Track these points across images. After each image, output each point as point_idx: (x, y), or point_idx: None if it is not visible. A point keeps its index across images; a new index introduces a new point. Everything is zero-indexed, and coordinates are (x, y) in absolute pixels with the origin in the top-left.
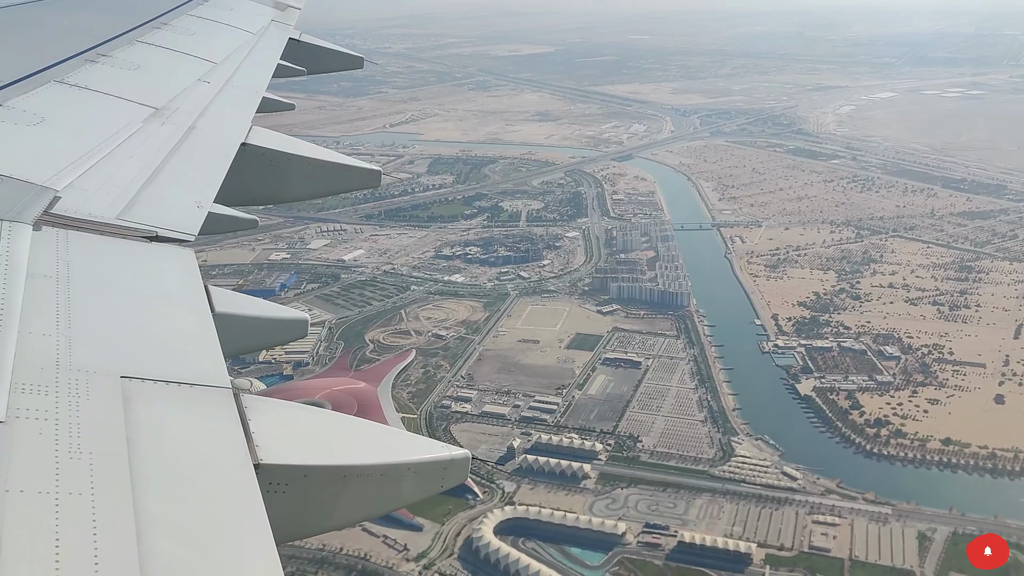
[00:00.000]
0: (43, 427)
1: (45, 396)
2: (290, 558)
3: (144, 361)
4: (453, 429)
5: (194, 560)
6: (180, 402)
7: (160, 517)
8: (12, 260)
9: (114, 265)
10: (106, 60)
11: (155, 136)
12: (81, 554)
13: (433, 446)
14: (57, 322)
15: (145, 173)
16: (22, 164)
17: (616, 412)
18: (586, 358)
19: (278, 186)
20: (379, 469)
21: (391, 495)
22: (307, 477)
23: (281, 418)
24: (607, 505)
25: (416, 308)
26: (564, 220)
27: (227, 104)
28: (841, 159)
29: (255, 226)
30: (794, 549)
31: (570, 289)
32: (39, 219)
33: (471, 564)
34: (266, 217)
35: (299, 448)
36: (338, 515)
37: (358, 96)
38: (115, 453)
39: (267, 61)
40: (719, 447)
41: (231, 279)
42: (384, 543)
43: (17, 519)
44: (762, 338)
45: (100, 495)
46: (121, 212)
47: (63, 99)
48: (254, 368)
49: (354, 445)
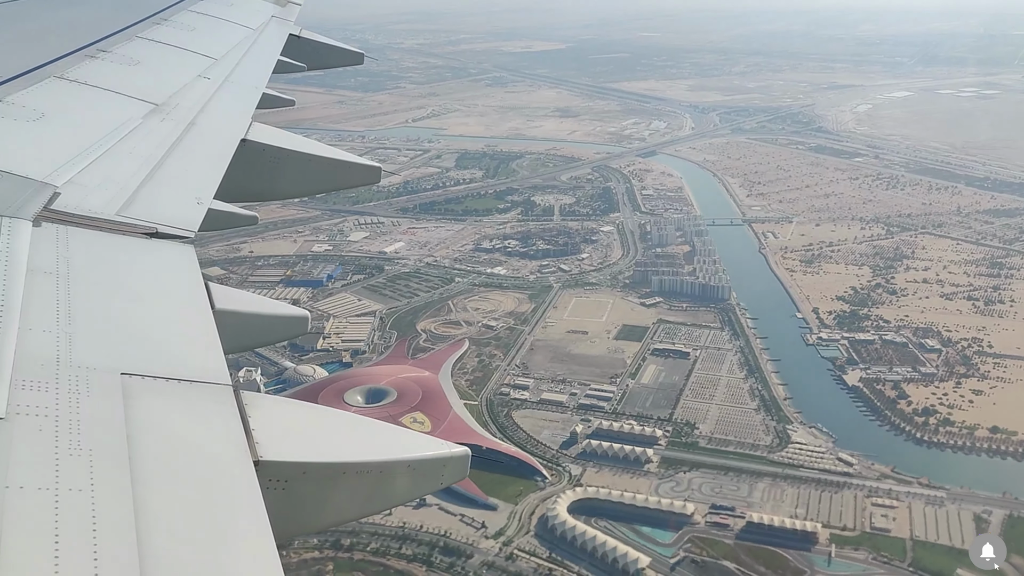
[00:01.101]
0: (43, 424)
1: (45, 392)
2: (373, 535)
3: (144, 358)
4: (514, 415)
5: (194, 557)
6: (180, 399)
7: (160, 514)
8: (12, 256)
9: (114, 261)
10: (106, 56)
11: (155, 132)
12: (81, 551)
13: (432, 443)
14: (57, 318)
15: (145, 169)
16: (22, 160)
17: (670, 400)
18: (635, 348)
19: (278, 182)
20: (378, 466)
21: (390, 492)
22: (307, 474)
23: (281, 415)
24: (672, 488)
25: (463, 299)
26: (597, 215)
27: (227, 100)
28: (864, 157)
29: (255, 222)
30: (856, 529)
31: (611, 282)
32: (39, 215)
33: (547, 541)
34: (303, 210)
35: (299, 445)
36: (337, 512)
37: (376, 91)
38: (115, 450)
39: (267, 57)
40: (775, 434)
41: (277, 270)
42: (462, 521)
43: (17, 516)
44: (805, 331)
45: (100, 492)
46: (121, 208)
47: (63, 95)
48: (313, 356)
49: (353, 442)
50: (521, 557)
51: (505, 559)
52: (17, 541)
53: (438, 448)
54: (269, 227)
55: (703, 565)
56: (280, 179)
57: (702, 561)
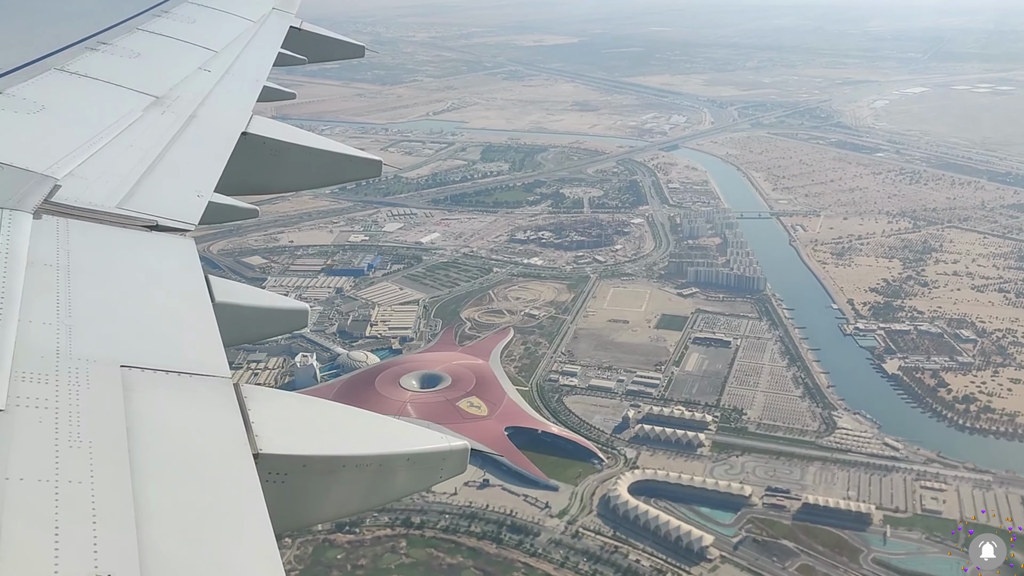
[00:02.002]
0: (43, 415)
1: (45, 384)
2: (441, 513)
3: (144, 350)
4: (565, 400)
5: (193, 549)
6: (180, 391)
7: (159, 506)
8: (12, 249)
9: (114, 254)
10: (107, 48)
11: (155, 125)
12: (80, 542)
13: (432, 437)
14: (57, 311)
15: (145, 162)
16: (22, 152)
17: (716, 387)
18: (676, 337)
19: (279, 175)
20: (378, 459)
21: (390, 485)
22: (306, 467)
23: (280, 408)
24: (726, 470)
25: (503, 289)
26: (626, 207)
27: (228, 93)
28: (885, 152)
29: (255, 216)
30: (908, 511)
31: (647, 273)
32: (39, 208)
33: (610, 520)
34: (335, 201)
35: (298, 438)
36: (337, 505)
37: (394, 84)
38: (115, 442)
39: (268, 50)
40: (821, 420)
41: (317, 259)
42: (525, 501)
43: (17, 507)
44: (841, 321)
45: (100, 484)
46: (121, 201)
47: (63, 87)
48: (362, 343)
49: (353, 435)
50: (586, 535)
51: (571, 537)
52: (17, 532)
53: (438, 442)
54: (304, 218)
55: (764, 544)
56: (281, 172)
57: (763, 540)
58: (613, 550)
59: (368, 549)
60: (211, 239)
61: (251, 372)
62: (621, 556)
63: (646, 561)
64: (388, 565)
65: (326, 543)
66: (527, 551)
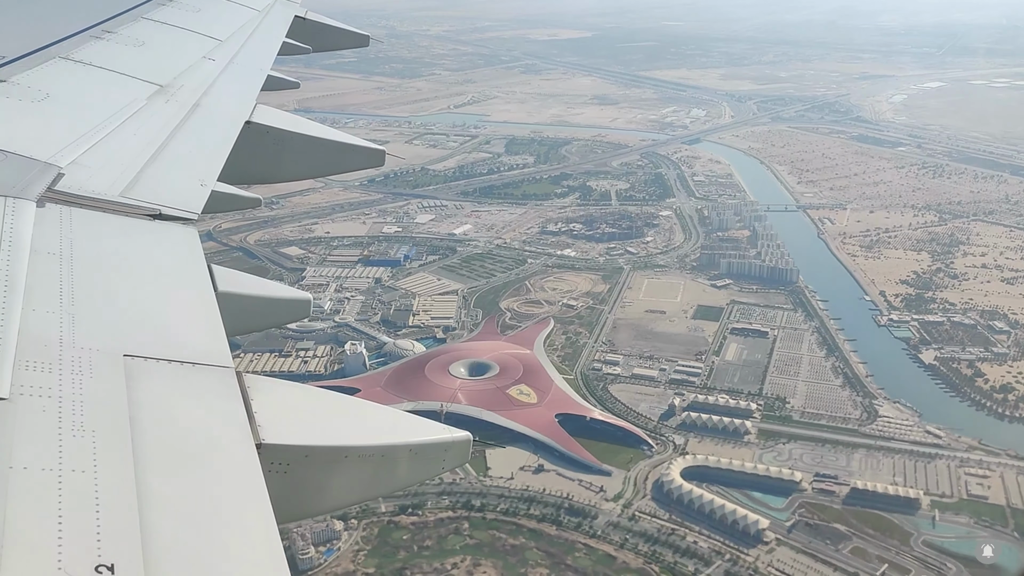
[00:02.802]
0: (46, 404)
1: (48, 373)
2: (500, 497)
3: (147, 340)
4: (611, 389)
5: (196, 539)
6: (182, 381)
7: (162, 495)
8: (16, 237)
9: (117, 243)
10: (111, 36)
11: (159, 114)
12: (83, 531)
13: (434, 428)
14: (60, 299)
15: (149, 151)
16: (26, 140)
17: (757, 377)
18: (713, 327)
19: (282, 164)
20: (380, 450)
21: (392, 476)
22: (308, 457)
23: (283, 398)
24: (774, 457)
25: (539, 280)
26: (653, 200)
27: (232, 82)
28: (906, 146)
29: (258, 205)
30: (954, 496)
31: (679, 264)
32: (43, 196)
33: (664, 504)
34: (365, 192)
35: (301, 428)
36: (339, 495)
37: (413, 78)
38: (117, 431)
39: (272, 39)
40: (862, 409)
41: (353, 250)
42: (580, 486)
43: (20, 496)
44: (874, 312)
45: (103, 473)
46: (125, 190)
47: (68, 75)
48: (406, 332)
49: (355, 426)
50: (643, 518)
51: (628, 520)
52: (21, 521)
53: (440, 433)
54: (336, 209)
55: (817, 527)
56: (284, 161)
57: (815, 524)
58: (670, 532)
59: (432, 530)
60: (247, 230)
61: (300, 360)
62: (679, 538)
63: (703, 543)
64: (453, 546)
65: (391, 524)
66: (586, 533)
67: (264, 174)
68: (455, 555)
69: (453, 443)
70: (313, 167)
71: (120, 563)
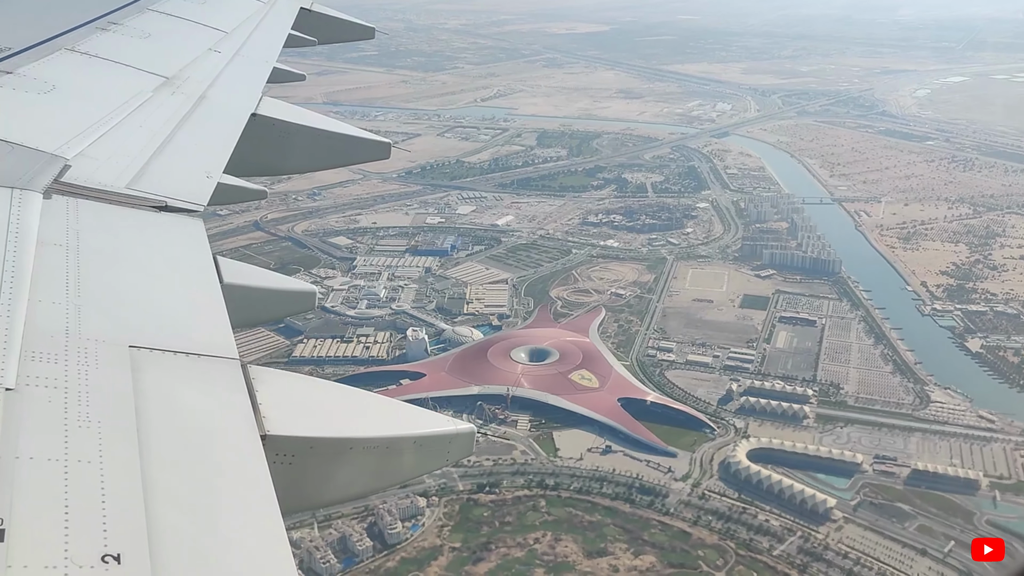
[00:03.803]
0: (52, 395)
1: (55, 364)
2: (572, 476)
3: (152, 331)
4: (667, 375)
5: (201, 529)
6: (188, 372)
7: (167, 486)
8: (23, 228)
9: (123, 234)
10: (117, 28)
11: (165, 106)
12: (90, 521)
13: (438, 420)
14: (67, 290)
15: (155, 143)
16: (33, 132)
17: (809, 364)
18: (761, 316)
19: (288, 157)
20: (384, 442)
21: (397, 468)
22: (314, 449)
23: (288, 390)
24: (833, 440)
25: (585, 269)
26: (688, 192)
27: (238, 74)
28: (934, 141)
29: (264, 197)
30: (1012, 478)
31: (721, 255)
32: (49, 187)
33: (732, 484)
34: (404, 185)
35: (306, 420)
36: (344, 487)
37: (436, 71)
38: (123, 422)
39: (278, 31)
40: (914, 394)
41: (399, 240)
42: (648, 466)
43: (27, 486)
44: (917, 302)
45: (108, 463)
46: (131, 181)
47: (74, 67)
48: (461, 319)
49: (360, 418)
50: (713, 497)
51: (698, 499)
52: (27, 511)
53: (444, 425)
54: (378, 200)
55: (881, 507)
56: (290, 153)
57: (879, 503)
58: (741, 511)
59: (511, 507)
60: (293, 220)
61: (363, 346)
62: (750, 516)
63: (774, 521)
64: (532, 522)
65: (471, 502)
66: (659, 511)
67: (270, 166)
68: (536, 531)
69: (457, 435)
70: (319, 159)
71: (126, 553)
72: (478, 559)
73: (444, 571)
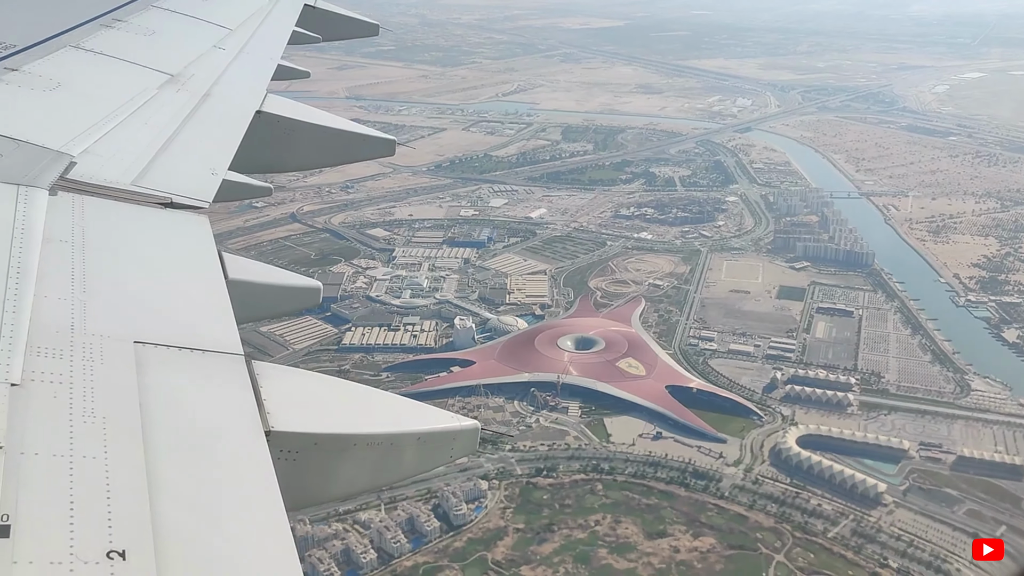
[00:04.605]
0: (58, 391)
1: (60, 360)
2: (626, 461)
3: (157, 327)
4: (710, 363)
5: (205, 525)
6: (193, 368)
7: (172, 482)
8: (28, 225)
9: (129, 231)
10: (122, 25)
11: (170, 103)
12: (94, 517)
13: (443, 416)
14: (72, 287)
15: (160, 140)
16: (38, 129)
17: (849, 353)
18: (798, 307)
19: (293, 154)
20: (389, 438)
21: (399, 464)
22: (317, 445)
23: (292, 386)
24: (878, 427)
25: (621, 261)
26: (716, 186)
27: (242, 71)
28: (957, 136)
29: (269, 194)
30: None
31: (754, 247)
32: (55, 184)
33: (783, 469)
34: (435, 178)
35: (310, 416)
36: (348, 483)
37: (455, 66)
38: (128, 418)
39: (282, 28)
40: (954, 383)
41: (435, 232)
42: (700, 452)
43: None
44: (951, 294)
45: (113, 459)
46: (136, 178)
47: (79, 64)
48: (504, 309)
49: (364, 414)
50: (765, 482)
51: (752, 483)
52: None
53: (449, 421)
54: (410, 193)
55: (930, 492)
56: (295, 151)
57: (928, 488)
58: (795, 495)
59: (569, 491)
60: (329, 212)
61: (410, 334)
62: (803, 500)
63: (827, 505)
64: (591, 504)
65: (530, 485)
66: (714, 495)
67: (275, 163)
68: (595, 513)
69: (461, 432)
70: (324, 156)
71: (131, 549)
72: (542, 540)
73: (510, 551)
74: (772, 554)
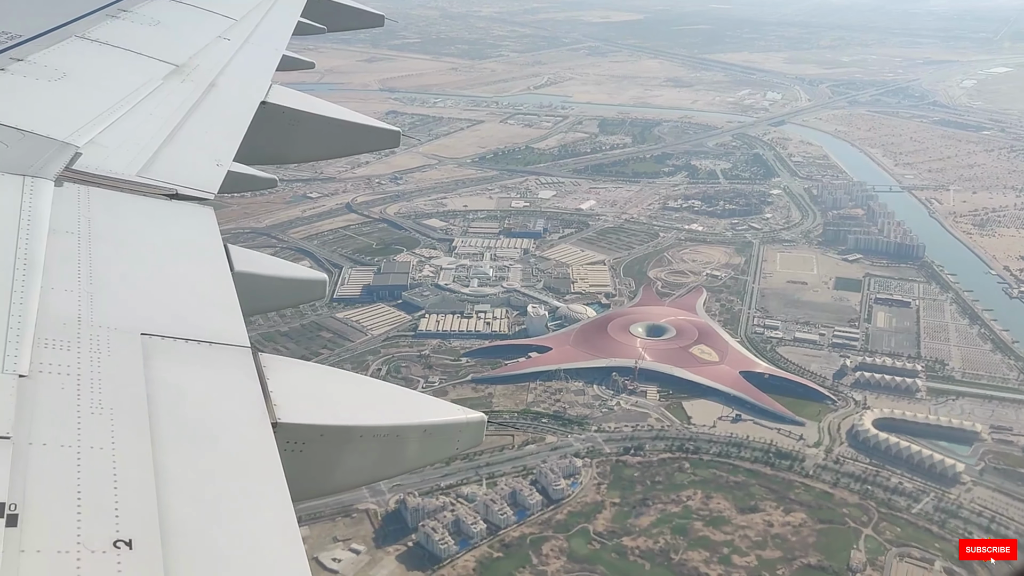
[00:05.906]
0: (65, 382)
1: (67, 351)
2: (710, 442)
3: (164, 318)
4: (778, 351)
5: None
6: (199, 360)
7: (179, 473)
8: (34, 216)
9: (134, 222)
10: (127, 16)
11: (175, 93)
12: (102, 507)
13: (449, 409)
14: (79, 278)
15: (165, 130)
16: (44, 120)
17: (911, 342)
18: (855, 298)
19: (298, 145)
20: (395, 430)
21: (405, 456)
22: (324, 436)
23: (298, 377)
24: (948, 411)
25: (675, 252)
26: (758, 179)
27: (247, 62)
28: (990, 130)
29: (274, 185)
30: None
31: (805, 239)
32: (61, 175)
33: (862, 450)
34: (481, 170)
35: (316, 408)
36: (353, 474)
37: (482, 59)
38: (135, 409)
39: (287, 18)
40: (1017, 371)
41: (489, 223)
42: (780, 434)
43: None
44: (1003, 286)
45: (120, 450)
46: (141, 169)
47: (84, 55)
48: (570, 298)
49: (370, 406)
50: (847, 461)
51: (833, 463)
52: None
53: (454, 414)
54: (459, 185)
55: (1005, 472)
56: (300, 142)
57: (1003, 468)
58: (875, 474)
59: (658, 468)
60: (383, 203)
61: (483, 321)
62: (883, 479)
63: (907, 484)
64: (681, 481)
65: (620, 463)
66: (799, 473)
67: (280, 154)
68: (686, 489)
69: (467, 424)
70: (329, 147)
71: (138, 538)
72: (639, 513)
73: (610, 523)
74: (860, 528)
